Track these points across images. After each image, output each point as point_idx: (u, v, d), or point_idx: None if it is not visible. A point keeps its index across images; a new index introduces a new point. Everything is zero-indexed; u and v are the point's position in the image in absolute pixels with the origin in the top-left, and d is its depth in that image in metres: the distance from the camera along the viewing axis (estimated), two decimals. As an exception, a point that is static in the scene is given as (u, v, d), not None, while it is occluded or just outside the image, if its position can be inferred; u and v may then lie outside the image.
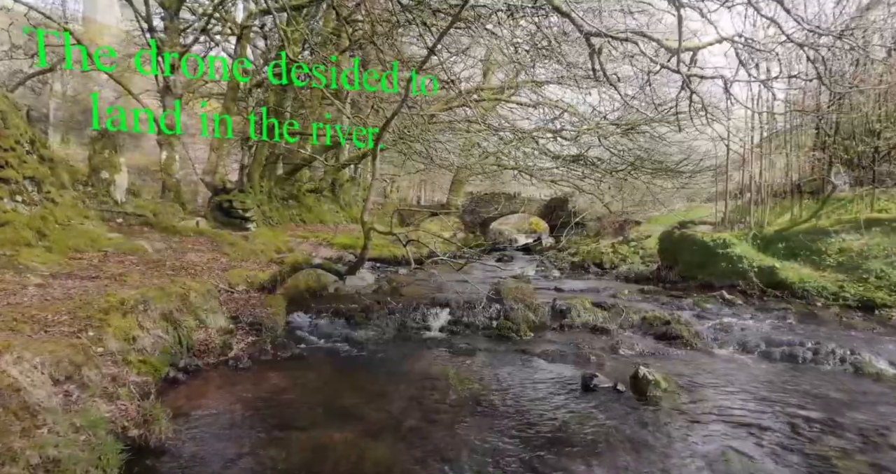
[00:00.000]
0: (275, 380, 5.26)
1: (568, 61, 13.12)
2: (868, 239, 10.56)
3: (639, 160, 17.92)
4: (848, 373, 5.59)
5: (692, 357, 6.35)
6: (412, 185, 42.75)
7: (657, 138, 17.93)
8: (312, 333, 7.00)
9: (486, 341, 6.82)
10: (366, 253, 7.05)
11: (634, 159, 17.82)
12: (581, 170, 18.75)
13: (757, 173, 12.63)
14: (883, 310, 8.51)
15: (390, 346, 6.52)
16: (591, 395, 4.82)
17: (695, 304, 9.12)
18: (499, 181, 33.64)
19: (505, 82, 20.54)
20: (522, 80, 21.33)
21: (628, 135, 17.74)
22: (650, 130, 17.55)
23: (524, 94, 20.16)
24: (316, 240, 14.27)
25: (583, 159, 17.34)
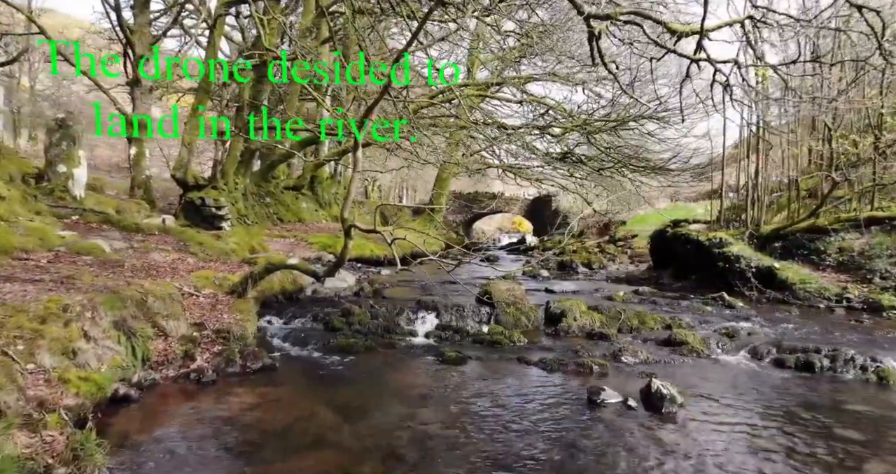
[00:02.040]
0: (242, 396, 4.65)
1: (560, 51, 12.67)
2: (869, 238, 10.28)
3: (626, 158, 17.58)
4: (872, 384, 5.18)
5: (701, 366, 5.89)
6: (394, 185, 42.10)
7: (645, 135, 17.61)
8: (286, 340, 6.40)
9: (477, 348, 6.28)
10: (346, 253, 6.45)
11: (622, 157, 17.48)
12: (568, 168, 18.35)
13: (753, 170, 12.31)
14: (891, 312, 8.18)
15: (373, 355, 5.94)
16: (599, 412, 4.31)
17: (695, 307, 8.70)
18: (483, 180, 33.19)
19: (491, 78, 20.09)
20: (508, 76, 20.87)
21: (616, 131, 17.37)
22: (638, 127, 17.21)
23: (509, 92, 19.70)
24: (293, 239, 13.60)
25: (570, 157, 16.92)
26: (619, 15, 6.42)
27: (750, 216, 12.28)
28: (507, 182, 22.33)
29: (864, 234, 10.54)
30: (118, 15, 14.13)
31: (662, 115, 16.57)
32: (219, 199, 13.17)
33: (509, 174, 19.22)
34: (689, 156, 17.84)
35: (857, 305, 8.81)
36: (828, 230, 10.97)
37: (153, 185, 14.73)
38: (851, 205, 11.32)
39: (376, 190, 36.13)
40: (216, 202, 12.94)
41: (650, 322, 7.37)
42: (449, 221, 27.81)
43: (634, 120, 16.38)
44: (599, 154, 17.54)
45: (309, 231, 16.01)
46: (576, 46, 14.75)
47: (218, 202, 13.00)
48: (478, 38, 18.53)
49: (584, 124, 15.93)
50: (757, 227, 11.99)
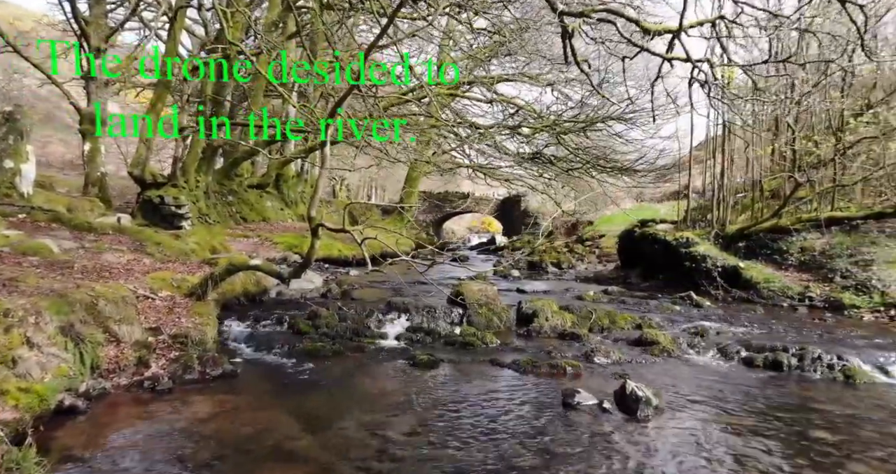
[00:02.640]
0: (200, 405, 4.39)
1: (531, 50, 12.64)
2: (829, 238, 10.56)
3: (595, 158, 17.74)
4: (839, 382, 5.24)
5: (672, 365, 5.88)
6: (363, 184, 41.63)
7: (613, 136, 17.82)
8: (249, 345, 6.12)
9: (449, 351, 6.13)
10: (313, 253, 6.22)
11: (591, 157, 17.63)
12: (538, 168, 18.41)
13: (718, 171, 12.53)
14: (852, 311, 8.38)
15: (341, 359, 5.73)
16: (574, 414, 4.21)
17: (663, 306, 8.76)
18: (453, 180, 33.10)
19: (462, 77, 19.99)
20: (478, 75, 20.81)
21: (585, 132, 17.51)
22: (606, 128, 17.40)
23: (479, 92, 19.66)
24: (257, 239, 13.21)
25: (541, 157, 16.96)
26: (592, 12, 6.37)
27: (715, 216, 12.50)
28: (477, 182, 22.31)
29: (825, 234, 10.83)
30: (72, 5, 13.48)
31: (630, 116, 16.79)
32: (179, 198, 12.68)
33: (479, 174, 19.17)
34: (656, 157, 18.14)
35: (819, 304, 9.01)
36: (790, 230, 11.23)
37: (109, 183, 14.08)
38: (812, 205, 11.62)
39: (344, 189, 35.61)
40: (176, 200, 12.46)
41: (621, 321, 7.35)
42: (419, 221, 27.62)
43: (602, 121, 16.54)
44: (568, 154, 17.66)
45: (274, 230, 15.60)
46: (546, 47, 14.79)
47: (178, 200, 12.51)
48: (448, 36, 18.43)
49: (553, 125, 15.98)
50: (722, 227, 12.20)
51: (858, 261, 9.51)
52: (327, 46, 19.75)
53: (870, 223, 10.74)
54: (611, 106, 16.31)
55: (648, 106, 17.97)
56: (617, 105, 12.26)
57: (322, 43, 18.08)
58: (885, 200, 11.08)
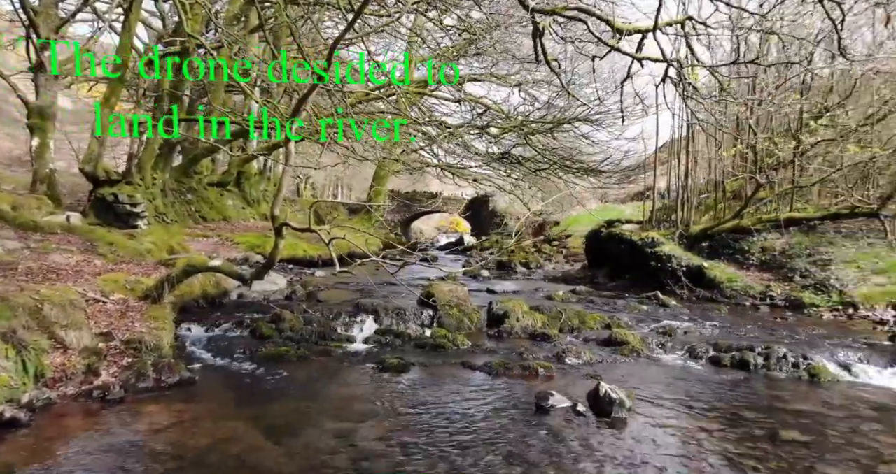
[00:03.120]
0: (155, 415, 4.13)
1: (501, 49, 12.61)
2: (788, 238, 10.85)
3: (562, 159, 17.90)
4: (804, 381, 5.33)
5: (642, 366, 5.89)
6: (328, 183, 40.96)
7: (580, 137, 18.02)
8: (208, 350, 5.86)
9: (419, 353, 5.99)
10: (276, 253, 5.99)
11: (558, 158, 17.78)
12: (506, 168, 18.46)
13: (682, 172, 12.76)
14: (812, 310, 8.61)
15: (306, 364, 5.52)
16: (548, 418, 4.13)
17: (631, 306, 8.82)
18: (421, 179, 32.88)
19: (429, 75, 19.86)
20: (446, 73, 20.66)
21: (552, 133, 17.66)
22: (573, 129, 17.59)
23: (447, 91, 19.57)
24: (218, 238, 12.79)
25: (509, 158, 16.98)
26: (563, 10, 6.33)
27: (680, 217, 12.71)
28: (445, 182, 22.23)
29: (784, 235, 11.13)
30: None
31: (596, 117, 17.00)
32: (134, 196, 12.15)
33: (448, 173, 19.08)
34: (621, 158, 18.44)
35: (780, 303, 9.24)
36: (751, 230, 11.51)
37: (60, 180, 13.39)
38: (772, 206, 11.94)
39: (309, 187, 34.96)
40: (131, 198, 11.93)
41: (590, 321, 7.36)
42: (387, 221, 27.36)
43: (569, 122, 16.69)
44: (536, 155, 17.76)
45: (235, 230, 15.15)
46: (515, 47, 14.82)
47: (133, 199, 11.98)
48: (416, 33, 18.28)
49: (521, 125, 16.02)
50: (686, 228, 12.43)
51: (817, 261, 9.80)
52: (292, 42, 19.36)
53: (826, 224, 11.11)
54: (577, 107, 16.51)
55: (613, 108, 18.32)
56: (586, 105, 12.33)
57: (286, 38, 17.67)
58: (841, 201, 11.48)
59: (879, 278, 8.71)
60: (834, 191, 11.94)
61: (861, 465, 3.38)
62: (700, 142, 12.88)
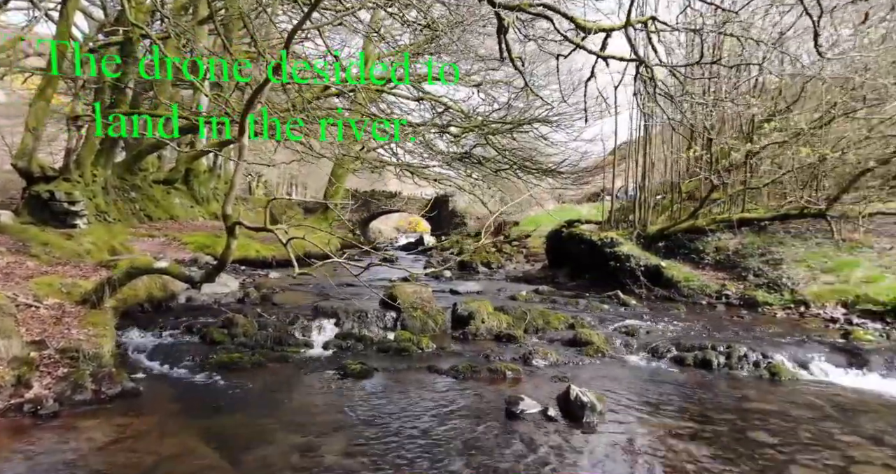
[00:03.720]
0: (93, 431, 3.80)
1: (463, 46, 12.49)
2: (741, 238, 11.17)
3: (521, 160, 18.00)
4: (765, 380, 5.41)
5: (608, 366, 5.87)
6: (282, 182, 39.93)
7: (539, 138, 18.16)
8: (154, 358, 5.48)
9: (383, 358, 5.78)
10: (229, 253, 5.66)
11: (518, 159, 17.86)
12: (466, 168, 18.40)
13: (640, 173, 12.99)
14: (765, 308, 8.85)
15: (262, 372, 5.23)
16: (519, 424, 4.02)
17: (593, 305, 8.86)
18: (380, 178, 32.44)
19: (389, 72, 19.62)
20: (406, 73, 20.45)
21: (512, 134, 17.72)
22: (533, 130, 17.69)
23: (406, 89, 19.36)
24: (164, 238, 12.18)
25: (470, 158, 16.91)
26: (528, 6, 6.25)
27: (637, 217, 12.93)
28: (405, 181, 22.02)
29: (737, 235, 11.46)
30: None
31: (555, 118, 17.14)
32: (72, 193, 11.41)
33: (407, 173, 18.86)
34: (579, 159, 18.68)
35: (735, 301, 9.47)
36: (705, 230, 11.79)
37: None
38: (724, 207, 12.28)
39: (262, 186, 33.95)
40: (69, 196, 11.20)
41: (554, 322, 7.32)
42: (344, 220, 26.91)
43: (529, 123, 16.77)
44: (496, 155, 17.79)
45: (183, 229, 14.48)
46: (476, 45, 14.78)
47: (71, 196, 11.26)
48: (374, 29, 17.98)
49: (482, 125, 15.98)
50: (644, 228, 12.64)
51: (769, 261, 10.12)
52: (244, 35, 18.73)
53: (776, 224, 11.50)
54: (537, 108, 16.62)
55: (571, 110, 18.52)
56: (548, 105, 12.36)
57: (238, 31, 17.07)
58: (788, 203, 11.92)
59: (828, 277, 9.06)
60: (781, 192, 12.39)
61: (831, 467, 3.40)
62: (656, 143, 13.15)
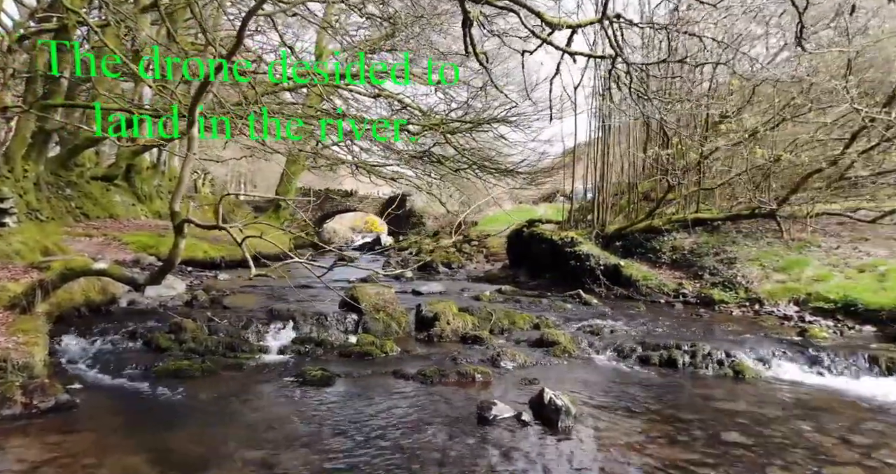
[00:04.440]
0: (23, 450, 3.44)
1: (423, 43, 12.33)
2: (696, 237, 11.45)
3: (481, 160, 17.99)
4: (730, 378, 5.45)
5: (576, 367, 5.81)
6: (230, 180, 38.61)
7: (499, 138, 18.22)
8: (93, 367, 5.07)
9: (344, 363, 5.52)
10: (177, 253, 5.29)
11: (477, 159, 17.84)
12: (424, 167, 18.22)
13: (599, 173, 13.16)
14: (721, 306, 9.06)
15: (214, 380, 4.90)
16: (493, 430, 3.87)
17: (556, 305, 8.86)
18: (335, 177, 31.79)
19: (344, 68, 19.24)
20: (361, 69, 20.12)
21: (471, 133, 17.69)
22: (492, 129, 17.73)
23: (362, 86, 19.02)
24: (103, 238, 11.48)
25: (429, 156, 16.74)
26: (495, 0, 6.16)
27: (596, 217, 13.09)
28: (360, 180, 21.66)
29: (692, 234, 11.75)
30: None
31: (513, 118, 17.21)
32: (1, 190, 10.58)
33: (363, 171, 18.53)
34: (537, 159, 18.83)
35: (692, 300, 9.67)
36: (661, 230, 12.04)
37: None
38: (678, 207, 12.57)
39: (208, 184, 32.74)
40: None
41: (520, 322, 7.24)
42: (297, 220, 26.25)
43: (489, 122, 16.78)
44: (455, 154, 17.71)
45: (124, 229, 13.70)
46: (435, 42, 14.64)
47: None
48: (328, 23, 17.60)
49: (441, 123, 15.84)
50: (602, 228, 12.80)
51: (723, 259, 10.40)
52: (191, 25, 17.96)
53: (728, 224, 11.86)
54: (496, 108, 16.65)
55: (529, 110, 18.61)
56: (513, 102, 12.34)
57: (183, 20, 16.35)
58: (738, 204, 12.33)
59: (780, 275, 9.37)
60: (732, 193, 12.79)
61: (807, 468, 3.40)
62: (614, 143, 13.35)
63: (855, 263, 9.03)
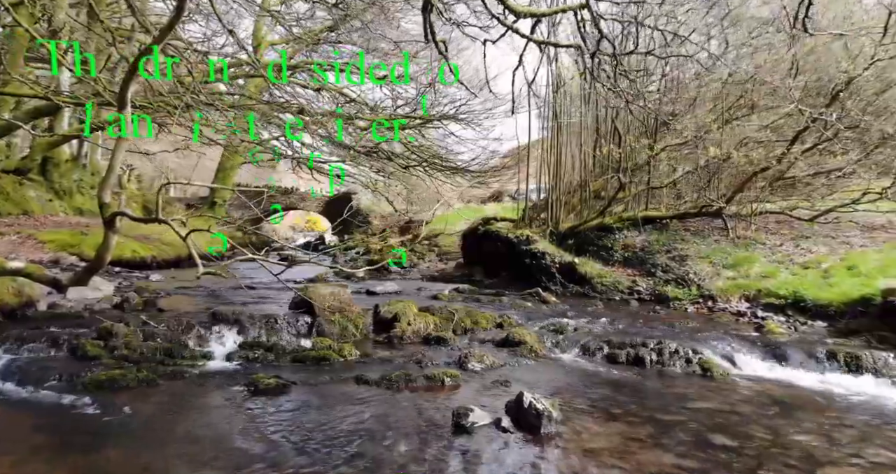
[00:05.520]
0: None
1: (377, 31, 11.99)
2: (646, 235, 11.66)
3: (432, 157, 17.82)
4: (698, 375, 5.42)
5: (544, 367, 5.67)
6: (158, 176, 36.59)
7: (450, 135, 18.10)
8: (9, 378, 4.49)
9: (299, 369, 5.12)
10: (107, 251, 4.79)
11: (428, 156, 17.65)
12: (372, 164, 17.81)
13: (552, 171, 13.21)
14: (676, 303, 9.20)
15: (152, 392, 4.40)
16: (471, 440, 3.62)
17: (517, 303, 8.75)
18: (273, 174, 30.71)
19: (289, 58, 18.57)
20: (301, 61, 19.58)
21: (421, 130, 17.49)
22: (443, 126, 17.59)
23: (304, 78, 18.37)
24: (17, 236, 10.46)
25: (379, 152, 16.33)
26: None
27: (550, 215, 13.13)
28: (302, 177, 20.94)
29: (642, 232, 11.97)
30: None
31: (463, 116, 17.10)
32: None
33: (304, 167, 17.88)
34: (489, 157, 18.83)
35: (646, 297, 9.79)
36: (613, 228, 12.21)
37: None
38: (629, 205, 12.80)
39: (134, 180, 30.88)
40: None
41: (482, 321, 7.04)
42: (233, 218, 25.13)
43: (440, 119, 16.60)
44: (405, 151, 17.44)
45: (40, 226, 12.59)
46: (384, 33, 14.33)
47: None
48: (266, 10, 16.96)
49: (390, 118, 15.51)
50: (556, 226, 12.85)
51: (675, 257, 10.61)
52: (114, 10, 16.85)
53: (675, 222, 12.17)
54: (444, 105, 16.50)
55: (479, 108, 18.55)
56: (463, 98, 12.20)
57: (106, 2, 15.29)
58: (684, 202, 12.69)
59: (730, 272, 9.63)
60: (677, 192, 13.15)
61: (799, 468, 3.34)
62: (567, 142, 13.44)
63: (799, 260, 9.40)
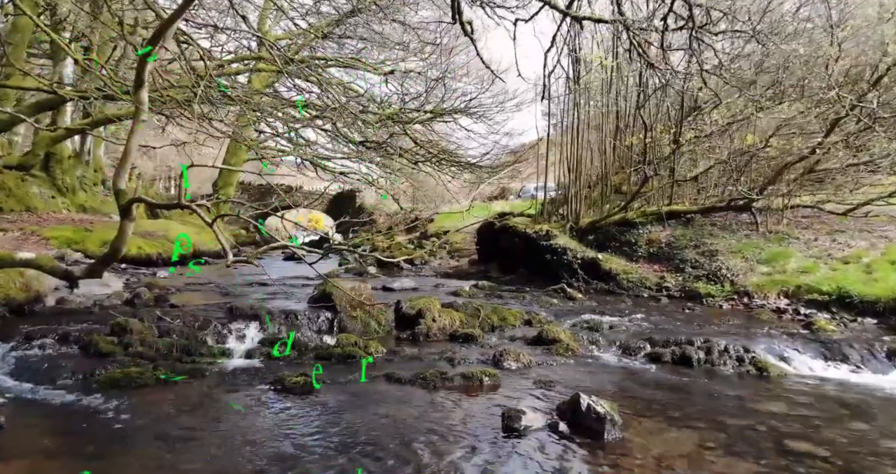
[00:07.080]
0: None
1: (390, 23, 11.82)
2: (671, 230, 11.39)
3: (442, 152, 17.59)
4: (753, 376, 5.14)
5: (584, 366, 5.40)
6: (159, 174, 36.47)
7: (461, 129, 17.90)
8: (19, 377, 4.27)
9: (325, 367, 4.87)
10: (123, 240, 4.54)
11: (438, 151, 17.42)
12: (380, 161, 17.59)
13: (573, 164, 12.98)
14: (709, 299, 8.93)
15: (170, 391, 4.18)
16: (525, 443, 3.37)
17: (542, 300, 8.51)
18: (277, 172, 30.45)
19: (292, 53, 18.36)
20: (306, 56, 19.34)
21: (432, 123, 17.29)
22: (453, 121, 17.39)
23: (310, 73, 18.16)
24: (20, 233, 10.28)
25: (387, 148, 16.11)
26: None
27: (570, 209, 12.89)
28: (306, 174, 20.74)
29: (666, 227, 11.70)
30: None
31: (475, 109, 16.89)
32: None
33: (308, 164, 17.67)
34: (501, 152, 18.60)
35: (676, 294, 9.52)
36: (636, 223, 11.94)
37: None
38: (653, 199, 12.53)
39: (134, 178, 30.82)
40: None
41: (510, 318, 6.80)
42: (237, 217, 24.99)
43: (451, 113, 16.40)
44: (414, 147, 17.21)
45: (43, 223, 12.41)
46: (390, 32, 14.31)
47: None
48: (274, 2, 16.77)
49: (400, 112, 15.32)
50: (576, 221, 12.60)
51: (704, 252, 10.33)
52: None
53: (700, 217, 11.90)
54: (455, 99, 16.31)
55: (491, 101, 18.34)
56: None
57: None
58: (710, 197, 12.42)
59: (765, 267, 9.35)
60: (700, 186, 12.88)
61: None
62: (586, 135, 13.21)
63: (838, 255, 9.12)
